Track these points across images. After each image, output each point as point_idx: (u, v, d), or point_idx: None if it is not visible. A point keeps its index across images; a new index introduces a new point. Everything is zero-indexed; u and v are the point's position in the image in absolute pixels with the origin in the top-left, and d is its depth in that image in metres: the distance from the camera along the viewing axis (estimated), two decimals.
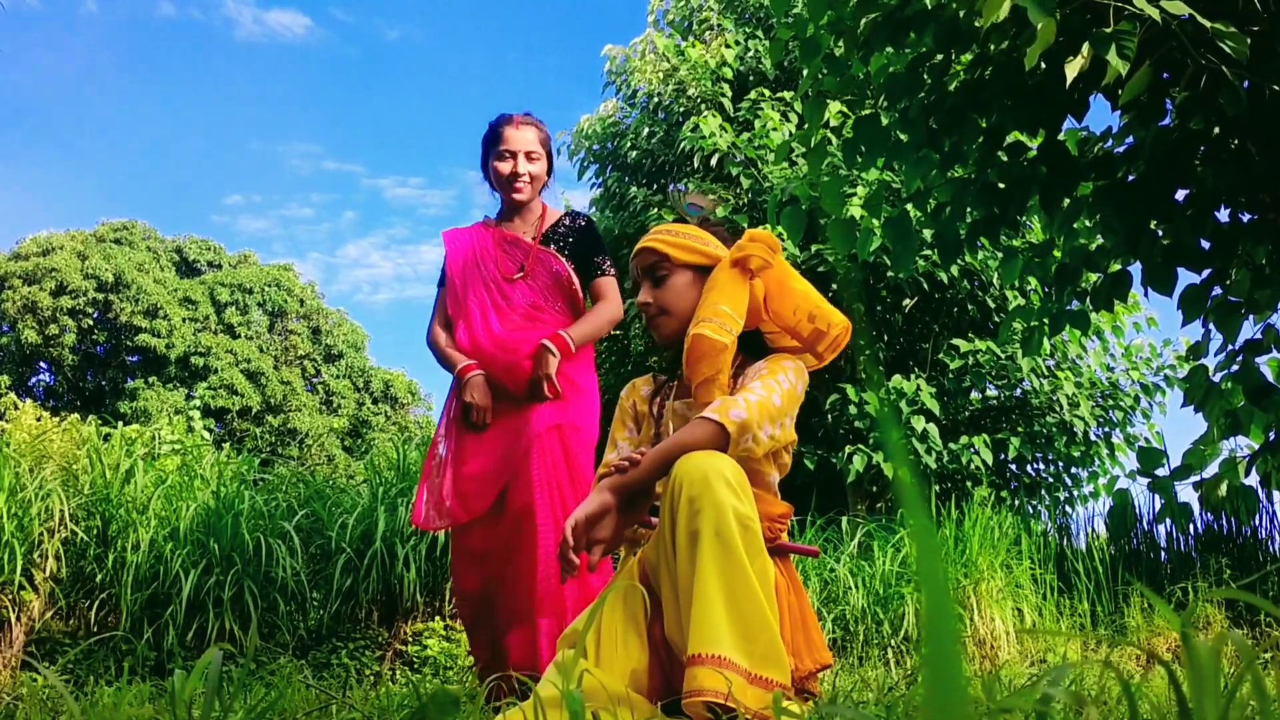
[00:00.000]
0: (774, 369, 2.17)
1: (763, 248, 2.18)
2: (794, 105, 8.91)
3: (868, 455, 7.51)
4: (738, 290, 2.18)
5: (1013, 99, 3.57)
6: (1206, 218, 3.68)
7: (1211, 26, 2.80)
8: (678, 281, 2.30)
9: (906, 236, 3.92)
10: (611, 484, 2.04)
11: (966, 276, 8.43)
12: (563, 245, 3.47)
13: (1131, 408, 8.75)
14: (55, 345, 26.97)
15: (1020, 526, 6.04)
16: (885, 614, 5.00)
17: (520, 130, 3.44)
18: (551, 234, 3.48)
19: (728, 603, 1.76)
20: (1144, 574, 6.42)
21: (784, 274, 2.24)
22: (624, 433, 2.42)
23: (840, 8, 3.57)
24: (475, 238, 3.49)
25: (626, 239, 9.93)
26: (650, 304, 2.31)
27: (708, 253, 2.30)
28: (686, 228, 2.34)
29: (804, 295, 2.24)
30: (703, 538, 1.79)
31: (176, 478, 4.42)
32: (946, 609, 0.43)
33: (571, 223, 3.54)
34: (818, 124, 3.93)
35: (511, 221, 3.50)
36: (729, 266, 2.21)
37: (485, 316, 3.35)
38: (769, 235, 2.22)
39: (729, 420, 1.99)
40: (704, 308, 2.17)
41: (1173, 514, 4.62)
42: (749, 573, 1.78)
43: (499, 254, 3.43)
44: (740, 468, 1.91)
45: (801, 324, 2.24)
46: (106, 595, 3.98)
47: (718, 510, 1.80)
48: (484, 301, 3.38)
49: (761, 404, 2.05)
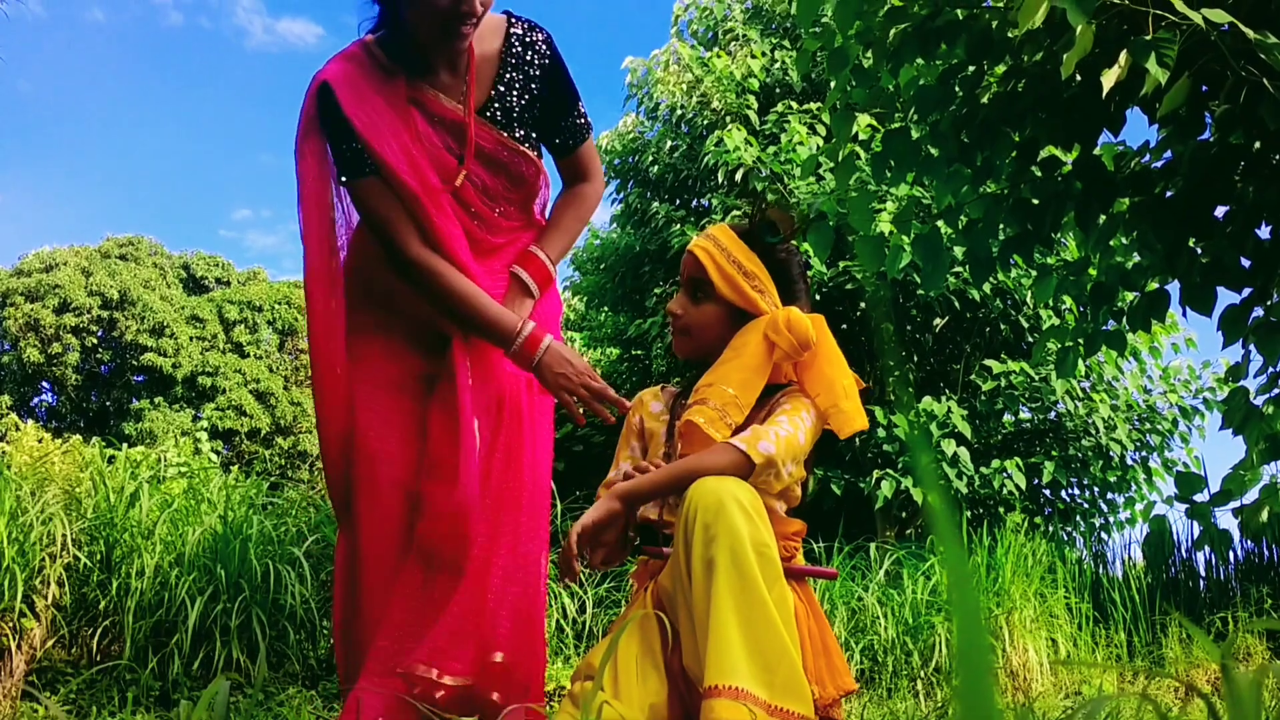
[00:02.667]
0: (798, 406, 2.10)
1: (789, 342, 2.07)
2: (822, 118, 8.81)
3: (896, 480, 7.39)
4: (757, 371, 2.10)
5: (1047, 112, 3.49)
6: (1247, 235, 3.60)
7: (1254, 37, 2.68)
8: (710, 309, 2.20)
9: (937, 254, 3.84)
10: (620, 491, 2.01)
11: (999, 295, 8.31)
12: (524, 114, 2.25)
13: (1169, 431, 8.60)
14: (58, 364, 27.02)
15: (1055, 554, 5.91)
16: (915, 644, 4.90)
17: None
18: (500, 94, 2.22)
19: (745, 632, 1.71)
20: (1182, 603, 6.28)
21: (817, 359, 2.14)
22: (628, 453, 2.33)
23: (869, 18, 3.50)
24: (395, 109, 2.13)
25: (648, 255, 9.87)
26: (680, 316, 2.22)
27: (749, 299, 2.16)
28: (744, 254, 2.19)
29: (828, 386, 2.12)
30: (718, 566, 1.75)
31: (182, 501, 4.36)
32: (979, 640, 0.43)
33: (524, 51, 2.25)
34: (846, 137, 3.86)
35: (433, 67, 2.17)
36: (762, 337, 2.10)
37: (458, 247, 2.16)
38: (803, 329, 2.08)
39: (757, 452, 1.96)
40: (719, 380, 2.09)
41: (1212, 541, 4.52)
42: (767, 601, 1.74)
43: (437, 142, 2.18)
44: (756, 493, 1.86)
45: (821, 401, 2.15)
46: (110, 623, 3.91)
47: (733, 537, 1.75)
48: (453, 223, 2.17)
49: (790, 440, 2.01)
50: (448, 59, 2.17)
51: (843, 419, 2.10)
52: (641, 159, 10.29)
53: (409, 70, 2.15)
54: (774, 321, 2.10)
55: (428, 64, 2.16)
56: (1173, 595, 6.36)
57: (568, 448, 8.86)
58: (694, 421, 2.04)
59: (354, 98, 2.08)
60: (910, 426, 7.60)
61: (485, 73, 2.21)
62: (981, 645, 0.43)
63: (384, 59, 2.14)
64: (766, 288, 2.18)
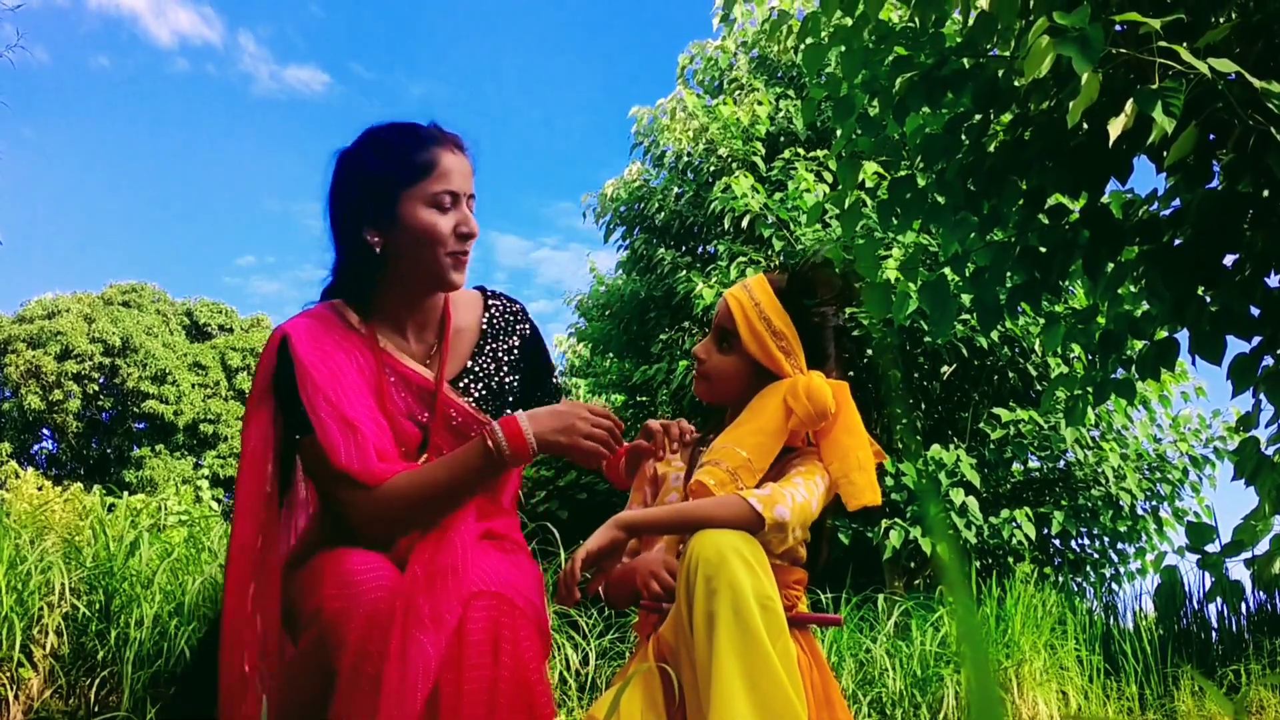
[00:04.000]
0: (812, 470, 2.07)
1: (807, 411, 2.04)
2: (828, 165, 8.82)
3: (905, 530, 7.32)
4: (774, 436, 2.07)
5: (1054, 160, 3.49)
6: (1256, 283, 3.59)
7: (1260, 86, 2.68)
8: (733, 360, 2.17)
9: (944, 301, 3.82)
10: (622, 519, 1.96)
11: (1007, 343, 8.27)
12: (501, 386, 2.13)
13: (1180, 480, 8.52)
14: (59, 411, 27.01)
15: (1065, 605, 5.85)
16: (924, 697, 4.83)
17: (461, 160, 2.00)
18: (478, 365, 2.11)
19: (748, 687, 1.68)
20: (1194, 655, 6.20)
21: (834, 427, 2.11)
22: (640, 498, 2.29)
23: (875, 67, 3.51)
24: (359, 367, 1.96)
25: (654, 301, 9.85)
26: (703, 361, 2.20)
27: (773, 358, 2.14)
28: (777, 311, 2.15)
29: (842, 456, 2.09)
30: (720, 619, 1.72)
31: (183, 550, 4.32)
32: (991, 694, 0.44)
33: (504, 324, 2.17)
34: (852, 185, 3.85)
35: (402, 332, 2.04)
36: (781, 402, 2.08)
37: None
38: (822, 398, 2.04)
39: (771, 515, 1.92)
40: (735, 442, 2.06)
41: (1224, 593, 4.48)
42: (770, 654, 1.71)
43: (401, 408, 2.01)
44: (758, 545, 1.83)
45: (834, 470, 2.11)
46: (108, 673, 3.86)
47: (735, 590, 1.73)
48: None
49: (804, 507, 1.98)
50: (419, 323, 2.05)
51: (853, 490, 2.06)
52: (648, 206, 10.30)
53: (380, 330, 2.02)
54: (794, 387, 2.07)
55: (399, 326, 2.04)
56: (1184, 647, 6.28)
57: (571, 495, 8.81)
58: (704, 483, 2.02)
59: (315, 351, 1.91)
60: (918, 475, 7.55)
61: (462, 343, 2.10)
62: (993, 699, 0.42)
63: (353, 319, 2.01)
64: (794, 349, 2.14)
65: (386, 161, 1.96)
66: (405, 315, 2.03)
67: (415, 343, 2.05)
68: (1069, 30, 2.64)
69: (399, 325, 2.03)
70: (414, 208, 1.94)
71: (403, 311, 2.02)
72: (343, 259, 2.02)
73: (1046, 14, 2.68)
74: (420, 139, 1.98)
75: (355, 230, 1.96)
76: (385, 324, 2.02)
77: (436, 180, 1.94)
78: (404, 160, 1.95)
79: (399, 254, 1.96)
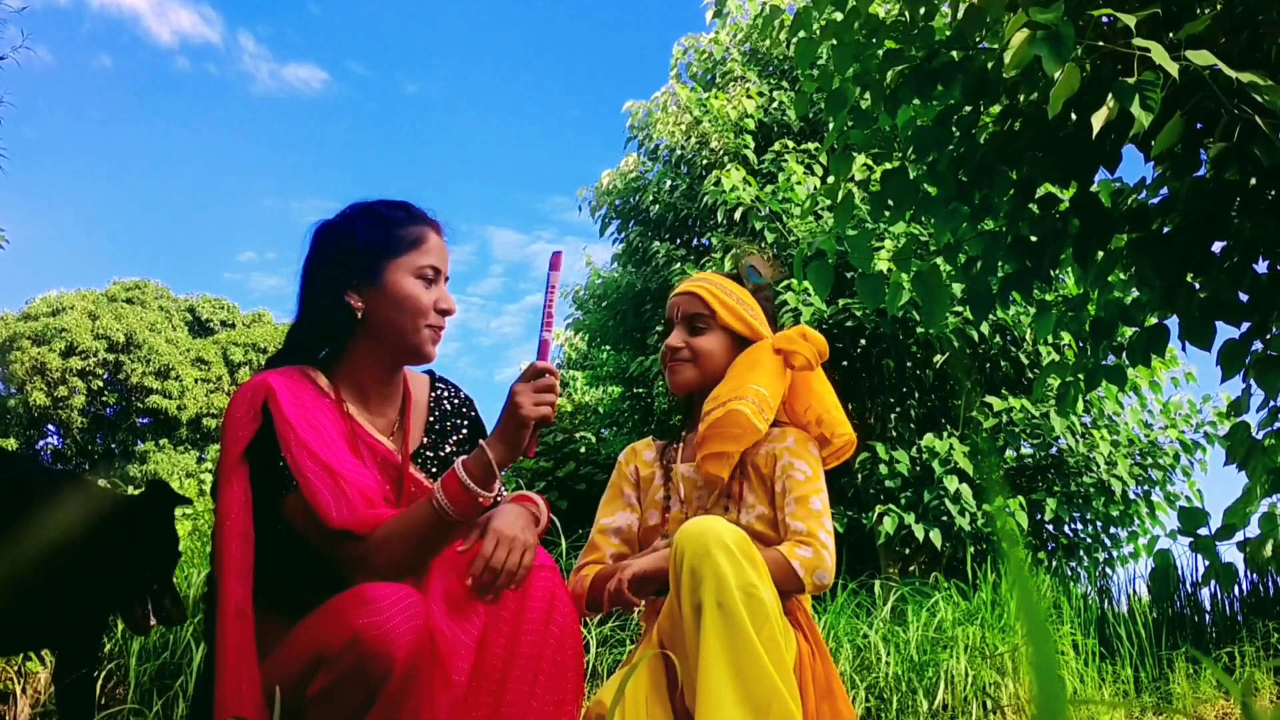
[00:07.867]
0: (808, 492, 2.13)
1: (812, 351, 2.20)
2: (819, 157, 8.85)
3: (899, 516, 7.36)
4: (778, 379, 2.18)
5: (1043, 151, 3.52)
6: (1245, 270, 3.60)
7: (1242, 78, 2.71)
8: (713, 339, 2.28)
9: (936, 291, 3.85)
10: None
11: (999, 332, 8.31)
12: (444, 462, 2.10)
13: (1171, 465, 8.57)
14: (64, 407, 27.00)
15: (1059, 589, 5.89)
16: (920, 681, 4.86)
17: (442, 242, 2.06)
18: (432, 443, 2.11)
19: (733, 675, 1.73)
20: (1188, 638, 6.25)
21: (813, 374, 2.26)
22: (622, 501, 2.35)
23: (866, 60, 3.54)
24: (338, 429, 1.93)
25: (649, 294, 9.88)
26: (682, 349, 2.28)
27: (751, 325, 2.30)
28: (738, 290, 2.33)
29: (819, 398, 2.25)
30: (705, 609, 1.78)
31: (187, 543, 4.35)
32: (1054, 683, 0.44)
33: (450, 408, 2.18)
34: (844, 177, 3.88)
35: (367, 403, 2.04)
36: (773, 352, 2.21)
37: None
38: (821, 341, 2.24)
39: (811, 581, 2.02)
40: (744, 385, 2.15)
41: (1217, 575, 4.50)
42: (754, 643, 1.75)
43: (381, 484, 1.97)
44: (744, 534, 1.88)
45: (810, 426, 2.24)
46: (115, 666, 3.89)
47: (718, 580, 1.78)
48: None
49: (828, 530, 2.10)
50: (383, 395, 2.05)
51: (834, 426, 2.20)
52: (642, 198, 10.34)
53: (347, 399, 2.00)
54: (787, 335, 2.21)
55: (365, 397, 2.03)
56: (1179, 630, 6.33)
57: (570, 486, 8.84)
58: (741, 411, 2.09)
59: (297, 406, 1.88)
60: (912, 463, 7.58)
61: (417, 419, 2.11)
62: (1058, 695, 0.44)
63: (323, 383, 1.99)
64: (760, 317, 2.31)
65: (376, 231, 2.00)
66: (370, 387, 2.03)
67: (378, 416, 2.05)
68: (1043, 27, 2.67)
69: (364, 396, 2.03)
70: (400, 276, 1.97)
71: (369, 382, 2.02)
72: (315, 322, 2.01)
73: (1025, 9, 2.71)
74: (410, 215, 2.04)
75: (337, 292, 1.97)
76: (351, 392, 2.02)
77: (423, 254, 1.99)
78: (393, 232, 2.00)
79: (379, 320, 1.98)
